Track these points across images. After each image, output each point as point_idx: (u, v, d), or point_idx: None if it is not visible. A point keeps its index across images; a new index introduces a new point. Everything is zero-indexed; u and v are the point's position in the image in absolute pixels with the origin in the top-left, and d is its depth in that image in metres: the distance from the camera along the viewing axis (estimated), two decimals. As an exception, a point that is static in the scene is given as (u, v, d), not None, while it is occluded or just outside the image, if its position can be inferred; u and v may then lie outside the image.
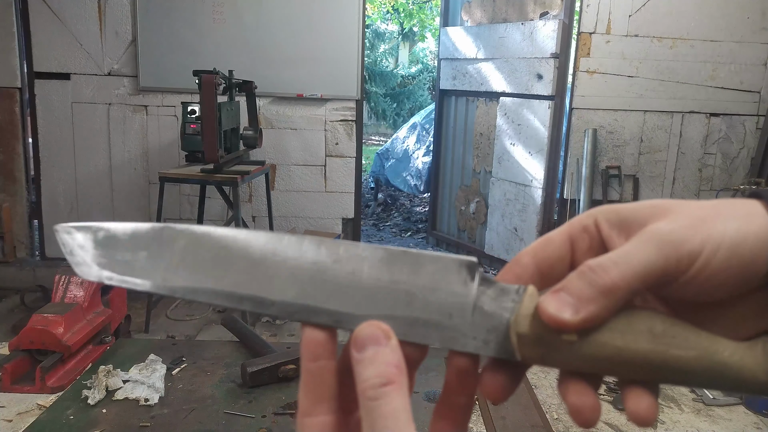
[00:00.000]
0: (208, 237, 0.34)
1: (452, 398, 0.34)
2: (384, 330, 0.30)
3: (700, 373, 0.30)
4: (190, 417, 0.99)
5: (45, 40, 4.09)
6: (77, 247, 0.33)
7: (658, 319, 0.31)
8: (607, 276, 0.30)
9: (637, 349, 0.30)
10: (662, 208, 0.33)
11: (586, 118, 4.26)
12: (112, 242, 0.33)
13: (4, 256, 4.30)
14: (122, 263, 0.33)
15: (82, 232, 0.34)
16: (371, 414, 0.28)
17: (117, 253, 0.33)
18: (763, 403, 2.61)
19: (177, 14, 4.10)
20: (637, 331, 0.31)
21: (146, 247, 0.33)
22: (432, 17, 13.42)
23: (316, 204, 4.50)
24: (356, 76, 4.28)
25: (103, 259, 0.33)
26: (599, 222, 0.34)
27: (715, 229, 0.31)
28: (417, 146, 7.33)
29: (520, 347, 0.32)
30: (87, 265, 0.33)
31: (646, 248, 0.31)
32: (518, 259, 0.35)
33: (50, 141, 4.24)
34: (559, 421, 2.56)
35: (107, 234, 0.34)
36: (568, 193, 4.35)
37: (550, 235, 0.35)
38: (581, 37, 4.16)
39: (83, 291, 2.64)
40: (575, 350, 0.31)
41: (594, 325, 0.31)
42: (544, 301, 0.31)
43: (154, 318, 3.65)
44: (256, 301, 0.33)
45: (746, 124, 4.31)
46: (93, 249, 0.33)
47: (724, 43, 4.14)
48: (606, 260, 0.31)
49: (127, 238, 0.33)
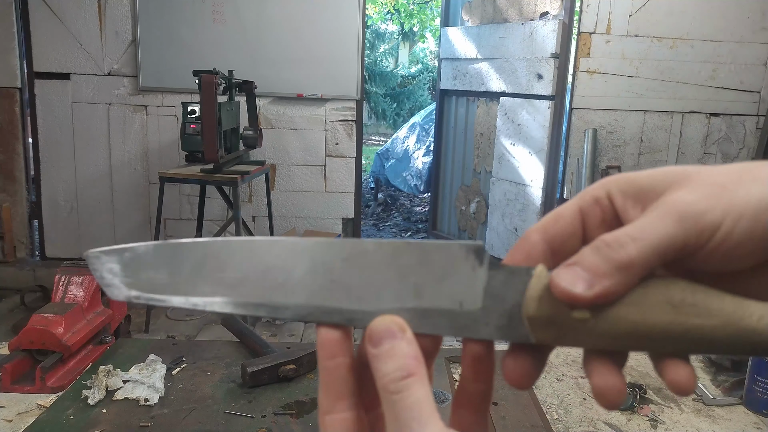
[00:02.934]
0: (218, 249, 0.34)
1: (469, 386, 0.34)
2: (398, 323, 0.30)
3: (727, 341, 0.29)
4: (190, 417, 0.99)
5: (45, 40, 4.09)
6: (106, 271, 0.35)
7: (677, 288, 0.29)
8: (624, 251, 0.29)
9: (655, 322, 0.29)
10: (680, 175, 0.31)
11: (586, 118, 4.26)
12: (136, 262, 0.35)
13: (4, 256, 4.30)
14: (146, 282, 0.34)
15: (110, 256, 0.35)
16: (395, 407, 0.28)
17: (141, 273, 0.34)
18: (763, 403, 2.61)
19: (177, 14, 4.10)
20: (653, 303, 0.29)
21: (166, 265, 0.34)
22: (432, 17, 13.43)
23: (316, 204, 4.50)
24: (356, 76, 4.28)
25: (130, 279, 0.34)
26: (612, 193, 0.33)
27: (737, 197, 0.29)
28: (417, 146, 7.32)
29: (533, 330, 0.31)
30: (116, 287, 0.34)
31: (664, 222, 0.29)
32: (527, 237, 0.34)
33: (50, 141, 4.24)
34: (559, 421, 2.56)
35: (132, 255, 0.35)
36: (568, 193, 4.35)
37: (560, 210, 0.34)
38: (581, 37, 4.16)
39: (83, 291, 2.64)
40: (590, 328, 0.30)
41: (608, 302, 0.29)
42: (556, 275, 0.30)
43: (154, 318, 3.65)
44: (271, 307, 0.33)
45: (746, 124, 4.31)
46: (120, 271, 0.35)
47: (724, 43, 4.14)
48: (623, 235, 0.29)
49: (149, 257, 0.35)
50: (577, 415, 2.61)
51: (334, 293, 0.33)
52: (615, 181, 0.33)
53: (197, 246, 0.35)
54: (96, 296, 2.73)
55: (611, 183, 0.33)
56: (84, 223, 4.35)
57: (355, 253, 0.33)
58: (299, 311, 0.33)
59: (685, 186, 0.30)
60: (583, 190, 0.34)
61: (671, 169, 0.32)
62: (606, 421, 2.56)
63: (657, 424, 2.54)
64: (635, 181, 0.32)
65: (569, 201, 0.34)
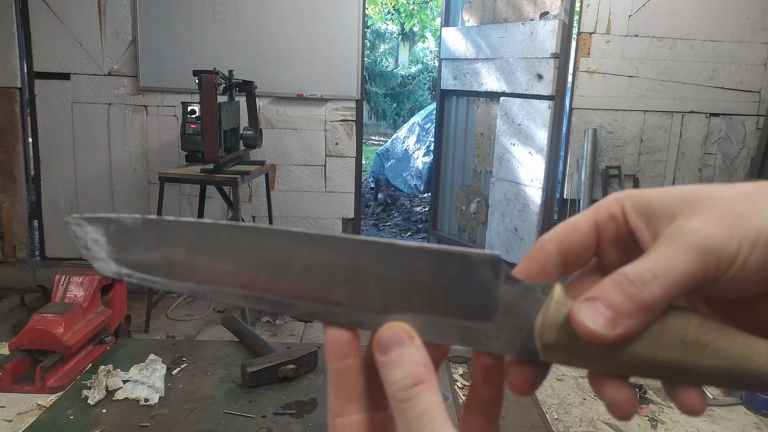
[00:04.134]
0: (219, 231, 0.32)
1: (480, 392, 0.34)
2: (406, 330, 0.30)
3: (734, 380, 0.29)
4: (190, 417, 0.99)
5: (45, 40, 4.09)
6: (91, 242, 0.32)
7: (692, 326, 0.30)
8: (647, 290, 0.29)
9: (667, 359, 0.30)
10: (692, 199, 0.31)
11: (586, 118, 4.26)
12: (124, 236, 0.32)
13: (4, 256, 4.30)
14: (137, 260, 0.32)
15: (94, 225, 0.32)
16: (406, 415, 0.28)
17: (132, 250, 0.32)
18: (763, 403, 2.61)
19: (177, 14, 4.10)
20: (668, 341, 0.30)
21: (160, 244, 0.32)
22: (432, 17, 13.42)
23: (316, 204, 4.50)
24: (356, 76, 4.28)
25: (118, 255, 0.32)
26: (626, 210, 0.33)
27: (751, 226, 0.29)
28: (417, 146, 7.32)
29: (544, 352, 0.31)
30: (104, 261, 0.32)
31: (685, 257, 0.29)
32: (542, 247, 0.34)
33: (50, 141, 4.24)
34: (559, 421, 2.56)
35: (118, 227, 0.32)
36: (568, 193, 4.35)
37: (575, 222, 0.34)
38: (581, 37, 4.16)
39: (83, 291, 2.64)
40: (603, 358, 0.30)
41: (629, 340, 0.30)
42: (578, 312, 0.30)
43: (154, 318, 3.65)
44: (275, 302, 0.32)
45: (746, 124, 4.31)
46: (107, 244, 0.32)
47: (724, 43, 4.14)
48: (644, 272, 0.29)
49: (138, 233, 0.32)
50: (577, 415, 2.61)
51: (342, 293, 0.31)
52: (630, 197, 0.33)
53: (192, 226, 0.32)
54: (96, 296, 2.73)
55: (626, 200, 0.33)
56: (84, 223, 4.35)
57: (367, 254, 0.31)
58: (305, 309, 0.32)
59: (699, 213, 0.30)
60: (598, 203, 0.34)
61: (683, 191, 0.32)
62: (606, 421, 2.56)
63: (657, 424, 2.54)
64: (648, 202, 0.32)
65: (584, 212, 0.34)
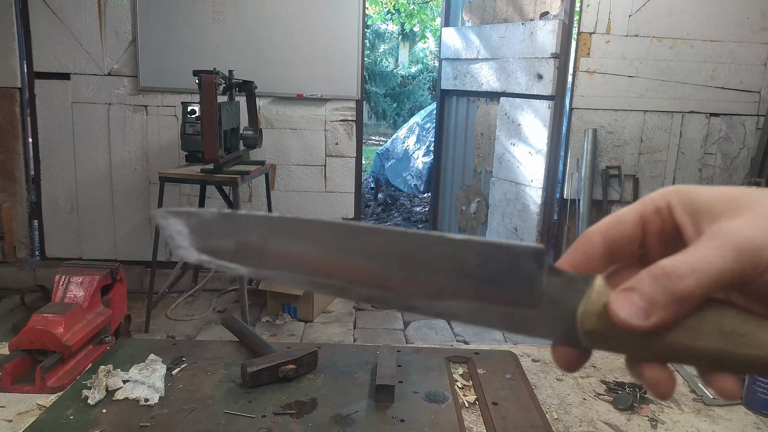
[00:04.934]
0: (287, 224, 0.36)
1: None
2: None
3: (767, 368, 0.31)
4: (190, 417, 0.99)
5: (45, 40, 4.09)
6: (175, 232, 0.36)
7: (728, 317, 0.31)
8: (683, 284, 0.30)
9: (705, 347, 0.31)
10: (737, 202, 0.32)
11: (586, 118, 4.26)
12: (204, 228, 0.36)
13: (4, 256, 4.30)
14: (215, 248, 0.36)
15: (177, 218, 0.36)
16: None
17: (210, 239, 0.36)
18: (763, 403, 2.61)
19: (177, 14, 4.10)
20: (705, 330, 0.31)
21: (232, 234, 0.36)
22: (432, 17, 13.42)
23: (316, 204, 4.50)
24: (356, 76, 4.28)
25: (200, 244, 0.36)
26: (672, 205, 0.34)
27: None
28: (417, 146, 7.32)
29: (587, 339, 0.33)
30: (187, 250, 0.36)
31: (723, 254, 0.30)
32: (588, 237, 0.35)
33: (50, 141, 4.24)
34: (559, 421, 2.56)
35: (198, 220, 0.36)
36: (568, 193, 4.35)
37: (622, 215, 0.35)
38: (581, 37, 4.16)
39: (83, 291, 2.63)
40: (642, 345, 0.32)
41: (665, 329, 0.31)
42: (614, 301, 0.31)
43: (154, 318, 3.65)
44: (336, 287, 0.35)
45: (746, 124, 4.31)
46: (189, 234, 0.36)
47: (724, 43, 4.14)
48: (682, 265, 0.30)
49: (215, 225, 0.36)
50: (577, 415, 2.60)
51: (396, 280, 0.34)
52: (677, 193, 0.34)
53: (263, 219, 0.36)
54: (96, 296, 2.72)
55: (673, 194, 0.34)
56: (84, 223, 4.35)
57: (418, 246, 0.34)
58: (363, 294, 0.35)
59: (742, 215, 0.31)
60: (645, 197, 0.35)
61: (730, 192, 0.33)
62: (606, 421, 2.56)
63: (657, 424, 2.54)
64: (695, 199, 0.33)
65: (631, 206, 0.35)
